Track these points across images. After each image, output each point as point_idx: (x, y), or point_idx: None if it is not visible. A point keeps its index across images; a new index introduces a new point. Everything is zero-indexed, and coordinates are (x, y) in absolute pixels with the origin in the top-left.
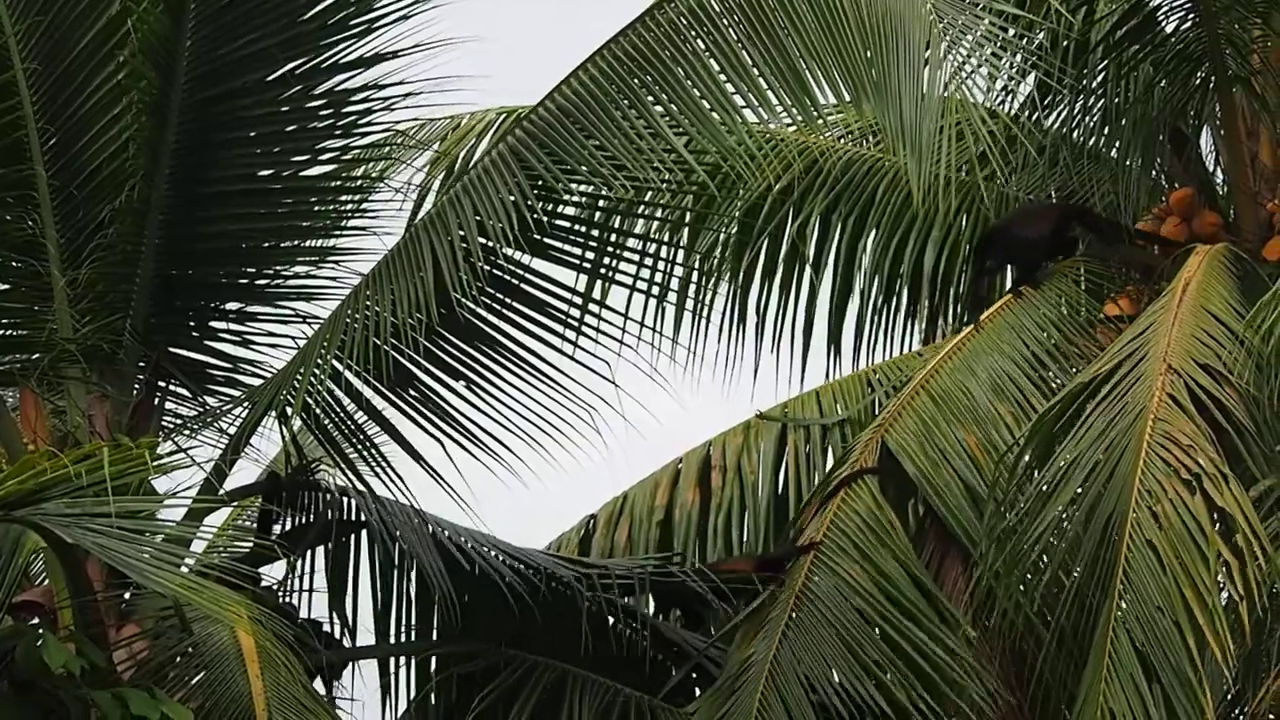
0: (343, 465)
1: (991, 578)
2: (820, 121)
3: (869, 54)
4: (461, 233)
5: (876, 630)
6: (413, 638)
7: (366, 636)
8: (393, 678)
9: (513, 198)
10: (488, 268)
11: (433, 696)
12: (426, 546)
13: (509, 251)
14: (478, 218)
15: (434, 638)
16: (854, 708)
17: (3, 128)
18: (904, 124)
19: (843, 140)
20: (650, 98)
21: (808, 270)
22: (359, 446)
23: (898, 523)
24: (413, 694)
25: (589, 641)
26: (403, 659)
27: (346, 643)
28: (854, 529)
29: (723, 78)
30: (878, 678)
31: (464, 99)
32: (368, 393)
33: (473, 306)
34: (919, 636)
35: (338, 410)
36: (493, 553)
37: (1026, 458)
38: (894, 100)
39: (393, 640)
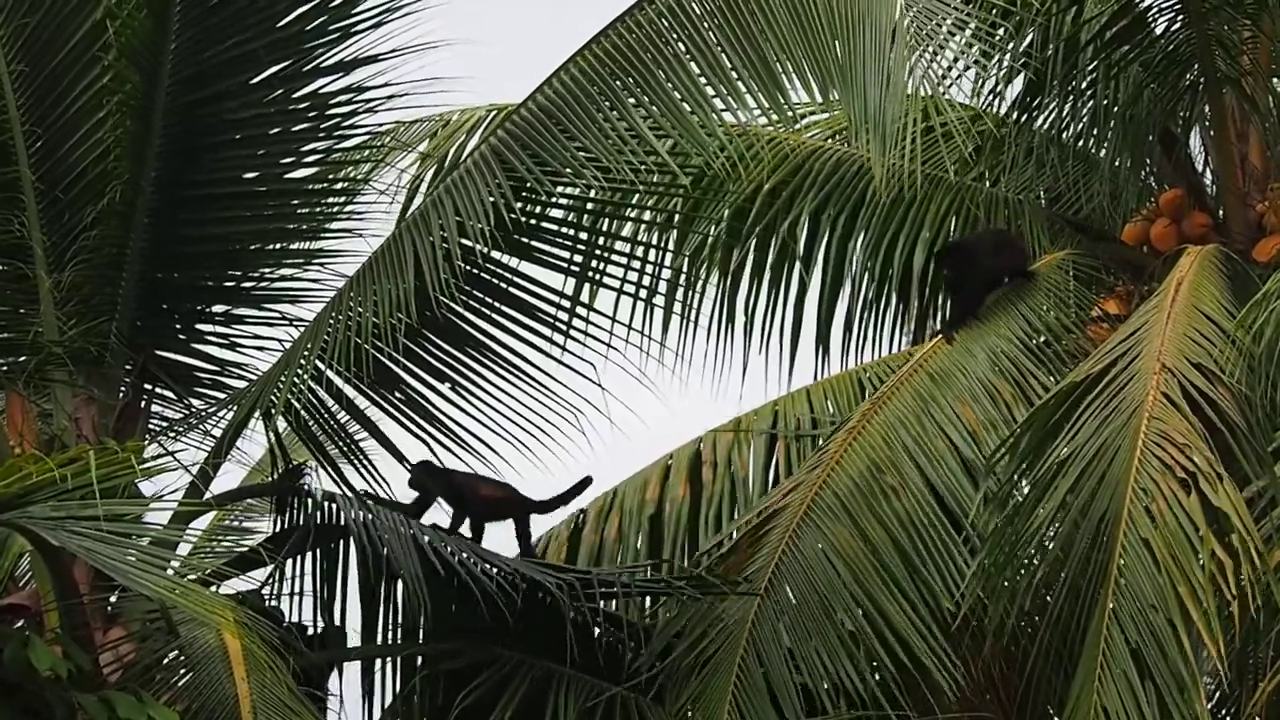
0: (327, 467)
1: (982, 579)
2: (800, 122)
3: (837, 44)
4: (443, 234)
5: (854, 601)
6: (398, 638)
7: (353, 638)
8: (377, 678)
9: (493, 199)
10: (473, 270)
11: (417, 696)
12: (408, 552)
13: (494, 254)
14: (458, 219)
15: (420, 637)
16: (831, 682)
17: None
18: (868, 110)
19: (831, 140)
20: (632, 100)
21: (797, 270)
22: (344, 448)
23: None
24: (397, 693)
25: (574, 648)
26: (388, 659)
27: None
28: (845, 490)
29: (702, 80)
30: (851, 652)
31: (454, 101)
32: (353, 394)
33: (458, 309)
34: (896, 615)
35: (323, 412)
36: (476, 562)
37: (1020, 453)
38: (859, 88)
39: (378, 641)
